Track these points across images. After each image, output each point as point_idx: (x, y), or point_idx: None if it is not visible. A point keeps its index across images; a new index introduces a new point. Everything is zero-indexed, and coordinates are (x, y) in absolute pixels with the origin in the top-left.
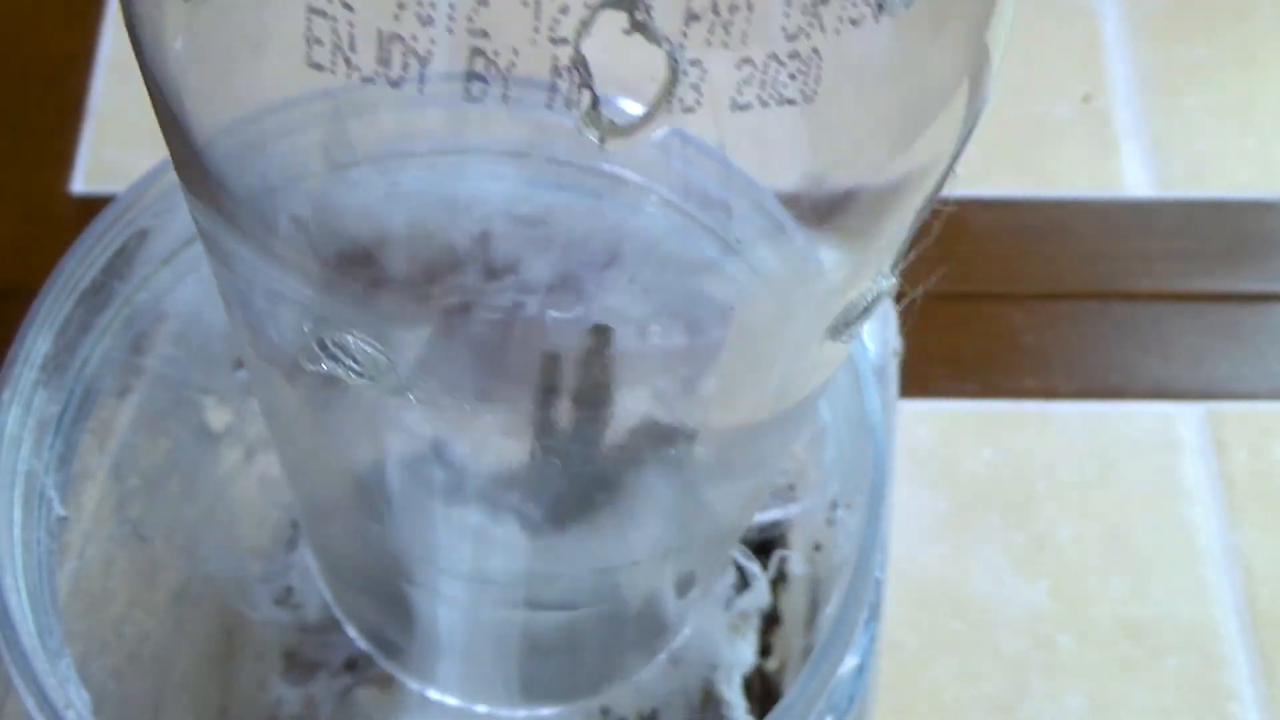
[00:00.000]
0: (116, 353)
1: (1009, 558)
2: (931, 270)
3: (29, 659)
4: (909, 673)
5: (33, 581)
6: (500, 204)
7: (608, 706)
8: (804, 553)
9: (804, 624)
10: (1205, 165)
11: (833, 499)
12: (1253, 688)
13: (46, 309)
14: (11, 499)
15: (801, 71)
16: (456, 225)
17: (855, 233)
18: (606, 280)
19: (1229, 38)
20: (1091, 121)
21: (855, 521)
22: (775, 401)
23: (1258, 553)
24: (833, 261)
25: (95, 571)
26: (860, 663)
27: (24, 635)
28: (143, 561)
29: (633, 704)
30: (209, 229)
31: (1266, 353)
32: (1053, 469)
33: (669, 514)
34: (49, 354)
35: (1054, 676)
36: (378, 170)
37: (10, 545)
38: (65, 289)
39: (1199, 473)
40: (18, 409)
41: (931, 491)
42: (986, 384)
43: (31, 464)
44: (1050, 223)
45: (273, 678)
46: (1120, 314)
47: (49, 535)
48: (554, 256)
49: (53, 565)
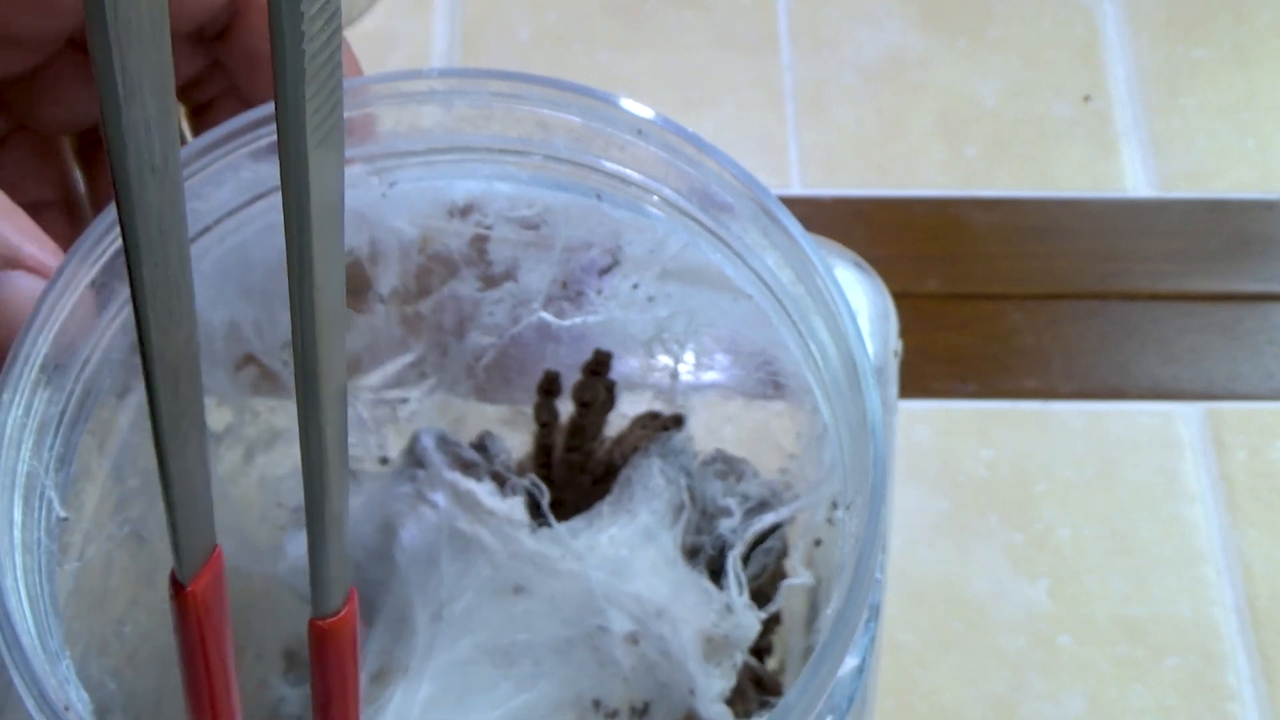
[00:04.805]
0: (116, 353)
1: (1009, 558)
2: (931, 270)
3: (29, 659)
4: (909, 673)
5: (33, 582)
6: (499, 205)
7: (599, 699)
8: (804, 552)
9: (804, 624)
10: (1205, 165)
11: (832, 499)
12: (1253, 688)
13: (47, 309)
14: (11, 499)
15: None
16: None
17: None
18: (607, 286)
19: (1229, 38)
20: (1091, 121)
21: (855, 521)
22: None
23: (1257, 553)
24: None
25: (95, 571)
26: (860, 663)
27: (24, 635)
28: (143, 561)
29: (624, 697)
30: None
31: (1266, 353)
32: (1053, 469)
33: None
34: (49, 354)
35: (1054, 676)
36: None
37: (10, 545)
38: (66, 289)
39: (1199, 473)
40: (18, 409)
41: (931, 491)
42: (986, 384)
43: (31, 464)
44: (1050, 223)
45: (273, 678)
46: (1120, 314)
47: (49, 536)
48: (554, 260)
49: (53, 566)
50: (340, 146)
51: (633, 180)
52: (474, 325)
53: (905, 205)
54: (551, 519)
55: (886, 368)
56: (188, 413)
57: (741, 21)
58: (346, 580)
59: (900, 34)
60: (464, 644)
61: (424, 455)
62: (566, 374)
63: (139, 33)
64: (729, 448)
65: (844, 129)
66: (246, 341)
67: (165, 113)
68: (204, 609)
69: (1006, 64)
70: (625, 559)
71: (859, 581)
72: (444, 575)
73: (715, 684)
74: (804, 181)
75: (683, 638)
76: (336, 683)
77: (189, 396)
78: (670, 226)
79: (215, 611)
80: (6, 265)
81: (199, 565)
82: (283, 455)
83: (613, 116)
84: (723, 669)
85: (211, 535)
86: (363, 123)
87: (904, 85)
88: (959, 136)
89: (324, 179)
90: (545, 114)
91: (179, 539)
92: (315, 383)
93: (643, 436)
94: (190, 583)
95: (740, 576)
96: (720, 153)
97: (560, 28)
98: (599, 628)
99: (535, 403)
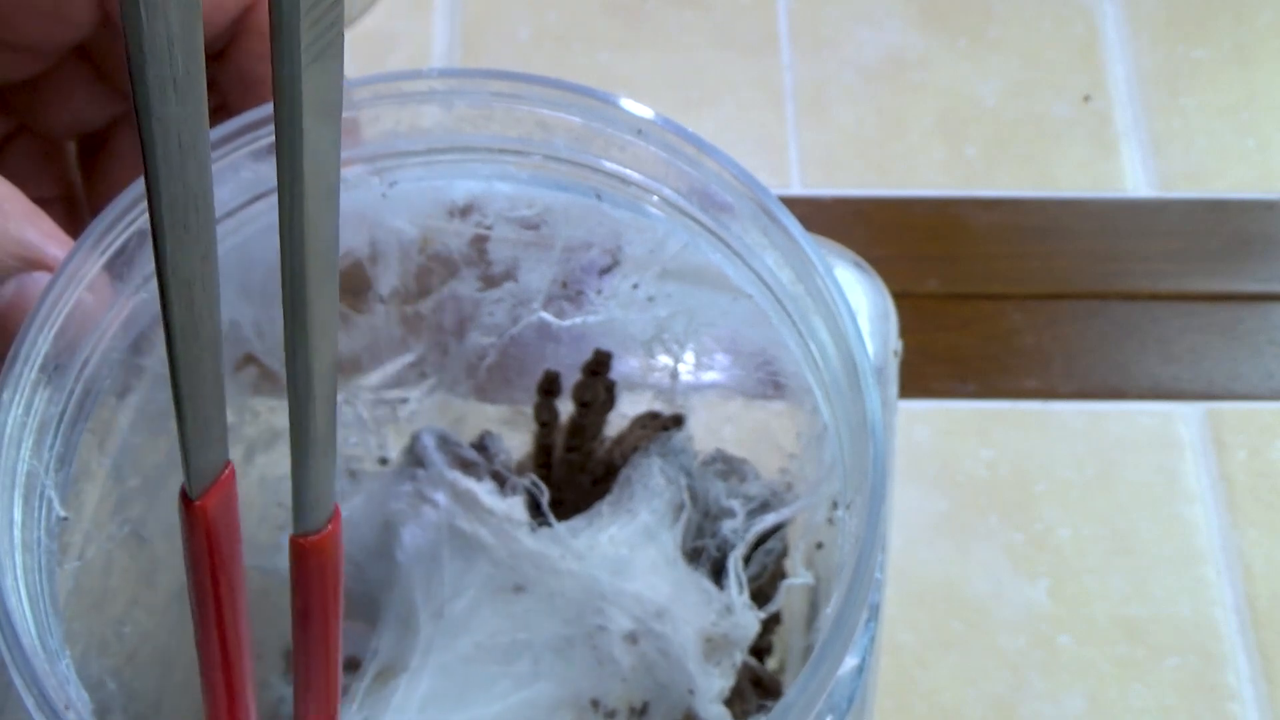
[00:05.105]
0: (116, 353)
1: (1009, 558)
2: (931, 270)
3: (29, 659)
4: (909, 673)
5: (33, 581)
6: (499, 205)
7: (598, 698)
8: (804, 552)
9: (804, 624)
10: (1205, 165)
11: (833, 499)
12: (1253, 688)
13: (47, 309)
14: (11, 499)
15: None
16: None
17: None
18: (607, 286)
19: (1229, 38)
20: (1091, 121)
21: (855, 521)
22: None
23: (1257, 552)
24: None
25: (95, 571)
26: (860, 663)
27: (24, 635)
28: (143, 561)
29: (623, 696)
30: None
31: (1266, 353)
32: (1053, 469)
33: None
34: (49, 354)
35: (1054, 676)
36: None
37: (10, 545)
38: (66, 289)
39: (1199, 473)
40: (18, 409)
41: (931, 491)
42: (986, 384)
43: (31, 464)
44: (1050, 223)
45: (273, 678)
46: (1120, 314)
47: (49, 535)
48: (554, 260)
49: (53, 565)
50: (340, 58)
51: (633, 180)
52: (474, 325)
53: (905, 205)
54: (551, 518)
55: (886, 368)
56: (202, 329)
57: (741, 21)
58: (330, 498)
59: (900, 34)
60: (464, 642)
61: (424, 454)
62: (566, 374)
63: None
64: (729, 448)
65: (844, 129)
66: (246, 341)
67: (189, 28)
68: (212, 524)
69: (1006, 64)
70: (625, 558)
71: (859, 581)
72: (445, 574)
73: (714, 684)
74: (804, 181)
75: (682, 637)
76: (317, 608)
77: (204, 312)
78: (670, 226)
79: (225, 529)
80: (31, 266)
81: (210, 481)
82: (282, 455)
83: (613, 116)
84: (722, 669)
85: (224, 451)
86: (348, 127)
87: (904, 85)
88: (959, 136)
89: (321, 92)
90: (545, 114)
91: (189, 451)
92: (302, 283)
93: (643, 436)
94: (200, 497)
95: (741, 577)
96: (720, 153)
97: (560, 28)
98: (598, 627)
99: (535, 403)
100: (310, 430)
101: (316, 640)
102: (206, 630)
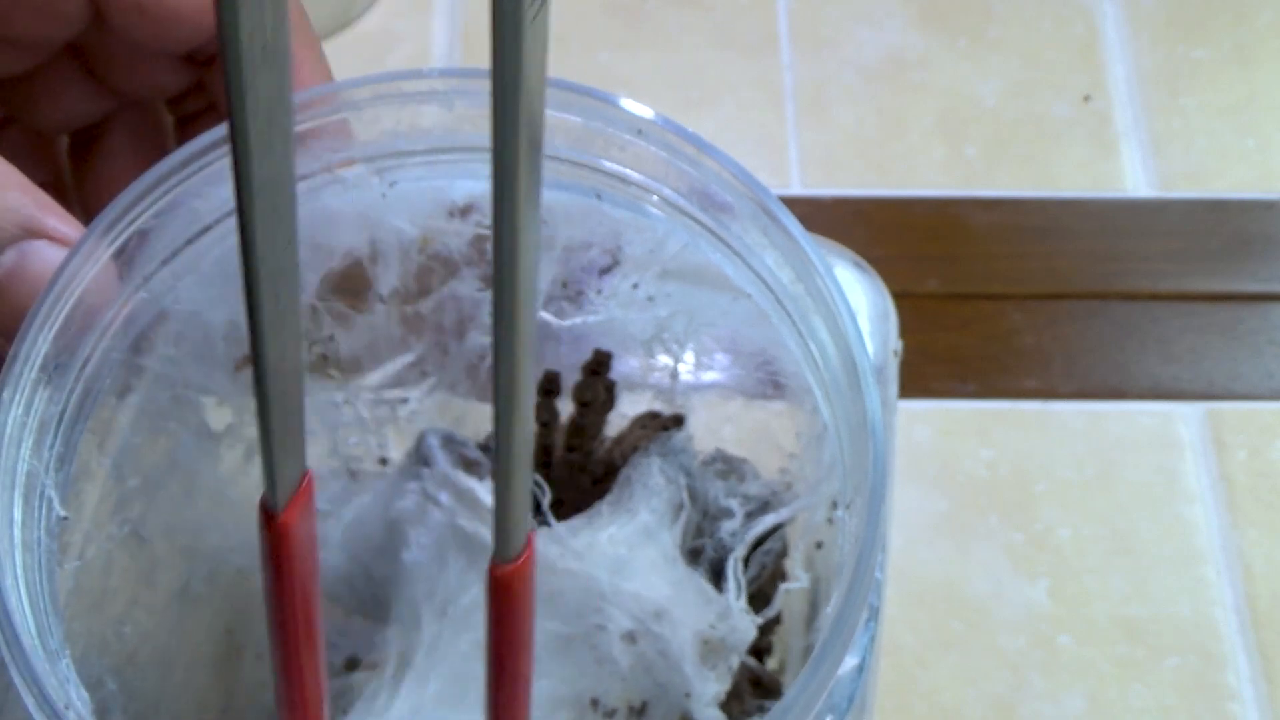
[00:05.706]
0: (116, 353)
1: (1009, 558)
2: (931, 270)
3: (29, 659)
4: (909, 673)
5: (33, 581)
6: None
7: (597, 698)
8: (804, 552)
9: (804, 624)
10: (1205, 165)
11: (832, 499)
12: (1253, 688)
13: (47, 309)
14: (11, 499)
15: None
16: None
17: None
18: (607, 286)
19: (1229, 38)
20: (1091, 121)
21: (855, 521)
22: None
23: (1257, 552)
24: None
25: (95, 571)
26: (860, 663)
27: (24, 635)
28: (143, 561)
29: (622, 695)
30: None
31: (1266, 353)
32: (1052, 469)
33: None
34: (49, 354)
35: (1054, 676)
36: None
37: (10, 545)
38: (66, 289)
39: (1199, 473)
40: (18, 409)
41: (931, 491)
42: (986, 384)
43: (31, 464)
44: (1050, 223)
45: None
46: (1120, 314)
47: (49, 535)
48: (554, 260)
49: (53, 565)
50: (547, 27)
51: (633, 180)
52: (474, 325)
53: (905, 205)
54: (551, 518)
55: (886, 368)
56: (287, 322)
57: (741, 21)
58: (527, 523)
59: (900, 34)
60: (466, 640)
61: (429, 454)
62: (566, 374)
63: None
64: (729, 447)
65: (844, 129)
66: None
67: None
68: (296, 541)
69: (1006, 64)
70: (625, 558)
71: (859, 581)
72: (449, 572)
73: (711, 688)
74: (804, 181)
75: (681, 638)
76: (521, 637)
77: (288, 305)
78: (670, 226)
79: (308, 545)
80: (30, 235)
81: (292, 491)
82: None
83: (613, 116)
84: (718, 673)
85: (304, 458)
86: (337, 128)
87: (904, 85)
88: (959, 136)
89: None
90: (545, 114)
91: (274, 460)
92: (513, 302)
93: (643, 436)
94: (283, 511)
95: (740, 580)
96: (720, 153)
97: (560, 28)
98: (597, 626)
99: (535, 402)
100: (512, 456)
101: (513, 674)
102: (288, 645)
